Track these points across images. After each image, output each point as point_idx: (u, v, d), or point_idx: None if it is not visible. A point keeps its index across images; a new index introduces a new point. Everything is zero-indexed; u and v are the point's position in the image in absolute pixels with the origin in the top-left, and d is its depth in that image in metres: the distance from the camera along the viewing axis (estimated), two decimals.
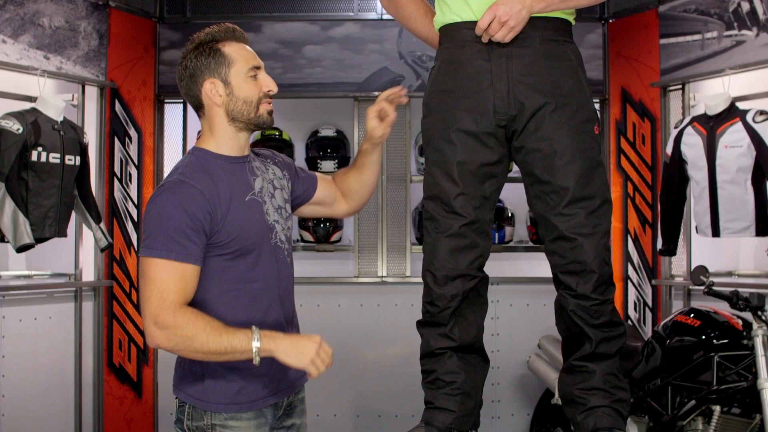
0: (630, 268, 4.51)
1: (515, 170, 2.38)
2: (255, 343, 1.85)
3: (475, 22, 2.16)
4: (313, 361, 1.88)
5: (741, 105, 3.71)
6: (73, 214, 3.96)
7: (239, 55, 2.00)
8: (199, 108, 2.04)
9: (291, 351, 1.88)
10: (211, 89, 1.98)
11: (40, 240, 3.71)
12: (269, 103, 2.04)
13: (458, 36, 2.21)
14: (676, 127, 3.92)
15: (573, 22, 2.26)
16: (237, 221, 1.95)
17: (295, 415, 2.14)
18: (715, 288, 3.08)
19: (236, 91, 1.98)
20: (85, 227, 4.13)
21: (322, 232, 4.65)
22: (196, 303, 1.92)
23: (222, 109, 1.99)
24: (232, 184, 1.98)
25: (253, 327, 1.89)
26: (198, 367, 1.99)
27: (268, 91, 2.02)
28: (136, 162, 4.57)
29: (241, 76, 1.99)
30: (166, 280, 1.85)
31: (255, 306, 1.99)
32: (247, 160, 2.06)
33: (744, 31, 3.87)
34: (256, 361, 1.87)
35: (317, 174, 2.33)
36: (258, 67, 2.03)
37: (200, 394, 1.98)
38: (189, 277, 1.88)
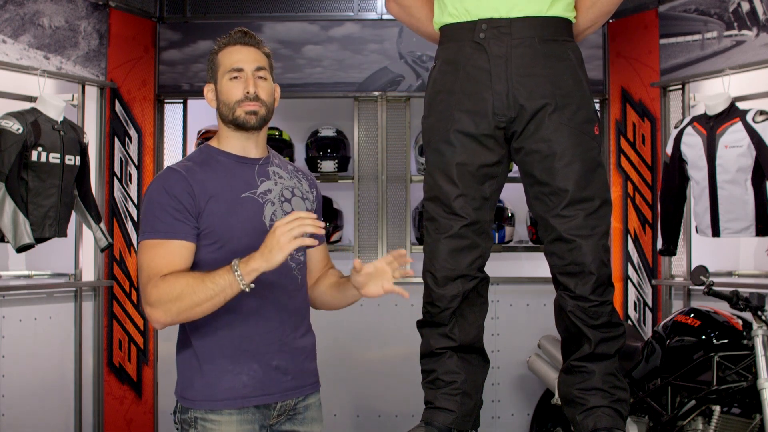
0: (630, 268, 4.51)
1: (515, 170, 2.38)
2: (236, 272, 1.82)
3: (472, 23, 2.17)
4: (287, 241, 1.80)
5: (741, 105, 3.70)
6: (73, 214, 3.96)
7: (227, 57, 2.06)
8: None
9: (267, 255, 1.82)
10: (207, 92, 2.11)
11: (40, 240, 3.71)
12: (250, 104, 2.00)
13: (457, 36, 2.21)
14: (676, 127, 3.91)
15: (573, 21, 2.26)
16: (218, 213, 1.95)
17: (296, 422, 2.10)
18: (715, 288, 3.08)
19: (220, 94, 2.06)
20: (85, 227, 4.13)
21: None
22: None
23: (216, 111, 2.09)
24: (227, 178, 2.00)
25: (233, 260, 1.85)
26: (188, 368, 2.02)
27: (246, 92, 2.01)
28: (136, 162, 4.57)
29: (224, 79, 2.05)
30: (150, 259, 1.90)
31: (243, 303, 1.95)
32: (258, 162, 2.07)
33: (744, 31, 3.87)
34: (245, 286, 1.83)
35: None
36: (240, 69, 2.02)
37: (183, 392, 2.02)
38: (176, 253, 1.90)
